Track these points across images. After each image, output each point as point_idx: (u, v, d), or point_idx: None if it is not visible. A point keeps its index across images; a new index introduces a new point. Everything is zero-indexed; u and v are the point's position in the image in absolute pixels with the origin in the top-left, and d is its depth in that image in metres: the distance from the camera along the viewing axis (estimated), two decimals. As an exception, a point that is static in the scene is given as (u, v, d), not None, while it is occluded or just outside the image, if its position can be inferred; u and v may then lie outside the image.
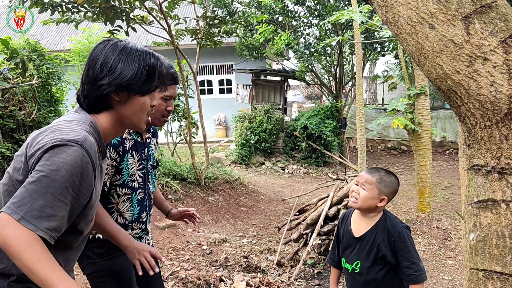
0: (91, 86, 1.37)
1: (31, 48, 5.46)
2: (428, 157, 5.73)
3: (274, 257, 4.47)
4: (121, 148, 1.89)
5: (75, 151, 1.22)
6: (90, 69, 1.38)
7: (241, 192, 7.53)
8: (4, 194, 1.31)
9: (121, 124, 1.45)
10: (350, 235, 2.14)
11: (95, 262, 1.92)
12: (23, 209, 1.15)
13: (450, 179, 9.67)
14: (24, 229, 1.14)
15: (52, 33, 16.55)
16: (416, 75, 5.71)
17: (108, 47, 1.38)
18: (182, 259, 4.43)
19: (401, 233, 2.01)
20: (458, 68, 1.05)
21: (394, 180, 2.10)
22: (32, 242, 1.14)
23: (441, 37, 1.06)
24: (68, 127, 1.29)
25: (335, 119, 11.11)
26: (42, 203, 1.16)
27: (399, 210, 6.82)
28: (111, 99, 1.39)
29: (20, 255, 1.13)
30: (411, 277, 1.98)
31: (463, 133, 1.16)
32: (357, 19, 5.56)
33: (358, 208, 2.11)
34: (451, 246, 5.00)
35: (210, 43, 6.60)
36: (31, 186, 1.17)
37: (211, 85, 16.51)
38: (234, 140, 11.48)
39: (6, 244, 1.13)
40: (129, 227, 1.99)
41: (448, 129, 13.14)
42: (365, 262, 2.07)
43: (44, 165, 1.19)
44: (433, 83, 1.12)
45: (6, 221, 1.14)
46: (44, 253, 1.15)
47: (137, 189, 1.99)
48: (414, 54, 1.11)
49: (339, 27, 10.37)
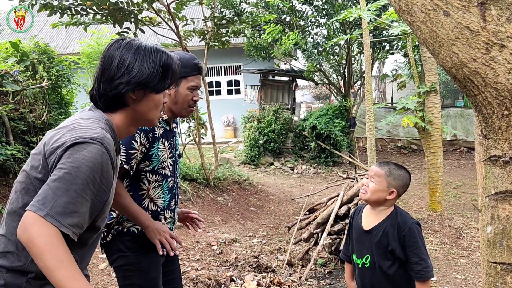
0: (108, 85, 1.38)
1: (41, 50, 5.50)
2: (439, 155, 5.66)
3: (284, 257, 4.45)
4: (151, 134, 1.92)
5: (95, 148, 1.24)
6: (106, 68, 1.39)
7: (250, 193, 7.51)
8: (22, 192, 1.32)
9: (135, 122, 1.47)
10: (360, 229, 2.15)
11: (126, 256, 1.94)
12: (48, 206, 1.17)
13: (461, 178, 9.57)
14: (49, 226, 1.16)
15: (62, 36, 16.68)
16: (426, 73, 5.65)
17: (123, 46, 1.40)
18: (193, 259, 4.42)
19: (411, 228, 2.00)
20: (475, 55, 1.02)
21: (404, 174, 2.10)
22: (56, 243, 1.15)
23: (456, 24, 1.03)
24: (86, 125, 1.31)
25: (344, 118, 11.05)
26: (66, 200, 1.18)
27: (410, 209, 6.76)
28: (127, 98, 1.40)
29: (43, 255, 1.14)
30: (420, 274, 1.97)
31: (479, 124, 1.13)
32: (365, 17, 5.52)
33: (367, 200, 2.12)
34: (463, 245, 4.94)
35: (218, 44, 6.61)
36: (54, 184, 1.19)
37: (220, 86, 16.53)
38: (243, 141, 11.47)
39: (31, 242, 1.15)
40: (161, 214, 2.01)
41: (459, 128, 13.01)
42: (374, 256, 2.07)
43: (66, 163, 1.21)
44: (448, 72, 1.10)
45: (32, 219, 1.16)
46: (66, 255, 1.16)
47: (168, 176, 2.02)
48: (428, 43, 1.08)
49: (348, 26, 10.32)
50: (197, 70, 1.99)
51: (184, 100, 1.99)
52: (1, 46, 5.29)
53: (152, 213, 1.96)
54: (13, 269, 1.28)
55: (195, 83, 2.00)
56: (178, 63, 1.52)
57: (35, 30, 15.68)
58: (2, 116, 4.65)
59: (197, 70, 1.99)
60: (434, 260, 4.55)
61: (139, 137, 1.87)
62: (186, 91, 1.98)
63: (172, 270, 2.16)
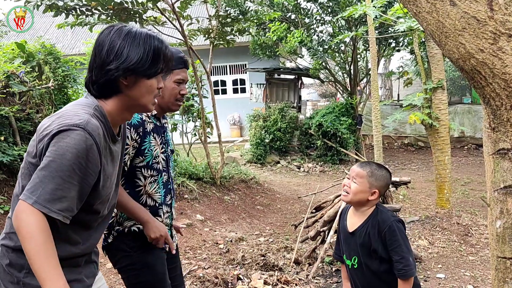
0: (99, 71, 1.40)
1: (46, 51, 5.52)
2: (447, 152, 5.62)
3: (291, 255, 4.43)
4: (142, 129, 1.92)
5: (78, 134, 1.27)
6: (97, 54, 1.41)
7: (256, 191, 7.50)
8: (22, 177, 1.38)
9: (129, 108, 1.49)
10: (346, 231, 2.15)
11: (130, 255, 1.94)
12: (36, 194, 1.23)
13: (469, 175, 9.49)
14: (36, 214, 1.23)
15: (68, 37, 16.77)
16: (433, 69, 5.61)
17: (113, 32, 1.41)
18: (199, 258, 4.42)
19: (391, 227, 1.99)
20: (482, 46, 1.00)
21: (385, 174, 2.09)
22: (37, 233, 1.22)
23: (463, 14, 1.01)
24: (73, 112, 1.35)
25: (350, 116, 11.00)
26: (53, 187, 1.24)
27: (418, 206, 6.71)
28: (119, 84, 1.42)
29: (24, 243, 1.22)
30: (401, 272, 1.96)
31: (487, 116, 1.11)
32: (371, 13, 5.49)
33: (349, 202, 2.12)
34: (472, 242, 4.89)
35: (223, 42, 6.60)
36: (41, 172, 1.25)
37: (225, 85, 16.53)
38: (249, 140, 11.46)
39: (18, 229, 1.24)
40: (160, 210, 2.01)
41: (466, 124, 12.90)
42: (361, 257, 2.07)
43: (51, 151, 1.26)
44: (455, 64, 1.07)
45: (21, 206, 1.24)
46: (44, 246, 1.22)
47: (162, 171, 2.02)
48: (434, 34, 1.06)
49: (353, 23, 10.28)
50: (182, 63, 1.99)
51: (171, 94, 1.99)
52: (8, 47, 5.32)
53: (150, 208, 1.97)
54: (17, 249, 1.33)
55: (181, 76, 1.99)
56: (172, 49, 1.53)
57: (41, 32, 15.77)
58: (9, 116, 4.67)
59: (182, 63, 1.99)
60: (443, 257, 4.51)
61: (130, 132, 1.88)
62: (172, 84, 1.98)
63: (173, 268, 2.16)
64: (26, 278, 1.32)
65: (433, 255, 4.55)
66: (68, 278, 1.36)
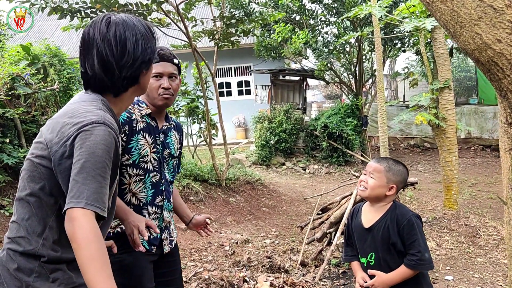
0: (130, 67, 1.40)
1: (52, 53, 5.52)
2: (454, 153, 5.56)
3: (297, 257, 4.40)
4: (128, 127, 1.91)
5: (101, 130, 1.27)
6: (121, 50, 1.38)
7: (262, 193, 7.47)
8: (28, 180, 1.35)
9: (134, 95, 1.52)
10: (361, 227, 2.13)
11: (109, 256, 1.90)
12: (84, 197, 1.20)
13: (476, 176, 9.41)
14: (90, 217, 1.19)
15: (73, 40, 16.82)
16: (439, 69, 5.56)
17: (124, 26, 1.40)
18: (205, 260, 4.40)
19: (410, 221, 1.99)
20: (499, 36, 0.96)
21: (402, 169, 2.10)
22: (94, 238, 1.19)
23: (479, 2, 0.97)
24: (84, 109, 1.33)
25: (356, 117, 10.95)
26: (96, 185, 1.23)
27: (425, 207, 6.65)
28: (140, 75, 1.45)
29: (80, 251, 1.18)
30: (411, 263, 1.97)
31: (504, 111, 1.06)
32: (376, 13, 5.45)
33: (367, 197, 2.11)
34: (480, 244, 4.84)
35: (227, 43, 6.58)
36: (80, 176, 1.22)
37: (230, 87, 16.52)
38: (254, 141, 11.43)
39: (73, 238, 1.19)
40: (144, 209, 1.98)
41: (473, 125, 12.80)
42: (378, 252, 2.05)
43: (81, 153, 1.24)
44: (470, 56, 1.03)
45: (75, 213, 1.19)
46: (100, 253, 1.19)
47: (151, 171, 1.99)
48: (448, 24, 1.02)
49: (358, 24, 10.23)
50: (158, 57, 1.97)
51: (151, 89, 1.99)
52: (13, 50, 5.33)
53: (134, 207, 1.94)
54: (25, 253, 1.31)
55: (157, 69, 1.99)
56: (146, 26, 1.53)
57: (46, 34, 15.86)
58: (14, 119, 4.67)
59: (158, 57, 1.97)
60: (451, 259, 4.46)
61: None
62: (150, 79, 1.97)
63: (171, 271, 2.13)
64: (36, 282, 1.29)
65: (441, 257, 4.50)
66: (79, 282, 1.36)
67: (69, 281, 1.33)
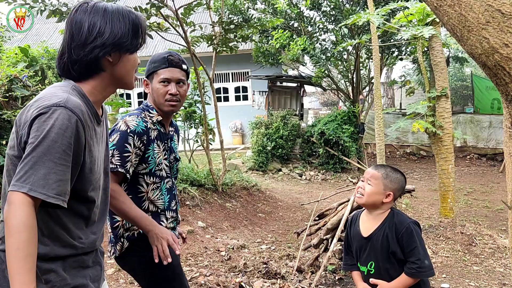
0: (81, 50, 1.35)
1: (50, 56, 5.53)
2: (450, 161, 5.58)
3: (294, 263, 4.38)
4: (146, 137, 1.92)
5: (60, 113, 1.22)
6: (75, 33, 1.36)
7: (258, 199, 7.46)
8: (6, 174, 1.32)
9: (112, 86, 1.46)
10: (360, 236, 2.12)
11: (143, 255, 1.91)
12: (29, 182, 1.17)
13: (472, 184, 9.44)
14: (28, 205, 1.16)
15: (71, 44, 16.83)
16: (436, 77, 5.59)
17: (90, 10, 1.37)
18: (201, 265, 4.37)
19: (408, 229, 1.98)
20: (507, 40, 0.96)
21: (400, 177, 2.09)
22: (24, 228, 1.15)
23: (487, 7, 0.98)
24: (50, 94, 1.30)
25: (353, 124, 10.98)
26: (45, 171, 1.18)
27: (421, 215, 6.66)
28: (104, 62, 1.38)
29: (7, 237, 1.16)
30: (411, 271, 1.96)
31: (508, 115, 1.06)
32: (374, 21, 5.48)
33: (364, 204, 2.10)
34: (476, 252, 4.84)
35: (226, 49, 6.60)
36: (29, 159, 1.19)
37: (227, 93, 16.54)
38: (251, 147, 11.43)
39: (5, 222, 1.19)
40: (163, 215, 2.01)
41: (469, 134, 12.88)
42: (378, 261, 2.04)
43: (35, 136, 1.20)
44: (477, 60, 1.04)
45: (15, 197, 1.17)
46: (26, 244, 1.16)
47: (165, 178, 2.02)
48: (456, 28, 1.03)
49: (356, 32, 10.29)
50: (166, 62, 1.98)
51: (158, 94, 1.99)
52: (11, 52, 5.33)
53: (152, 214, 1.96)
54: None
55: (165, 75, 1.98)
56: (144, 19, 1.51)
57: (44, 37, 15.84)
58: (11, 120, 4.65)
59: (166, 62, 1.98)
60: (447, 267, 4.46)
61: (133, 140, 1.87)
62: (158, 85, 1.99)
63: None
64: None
65: (437, 265, 4.50)
66: (74, 283, 1.32)
67: (62, 283, 1.30)
